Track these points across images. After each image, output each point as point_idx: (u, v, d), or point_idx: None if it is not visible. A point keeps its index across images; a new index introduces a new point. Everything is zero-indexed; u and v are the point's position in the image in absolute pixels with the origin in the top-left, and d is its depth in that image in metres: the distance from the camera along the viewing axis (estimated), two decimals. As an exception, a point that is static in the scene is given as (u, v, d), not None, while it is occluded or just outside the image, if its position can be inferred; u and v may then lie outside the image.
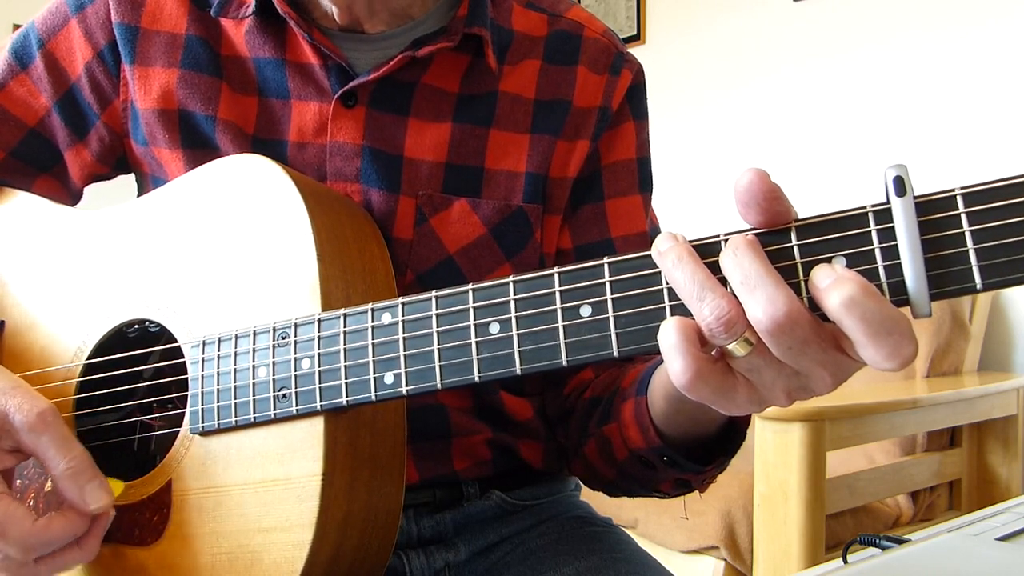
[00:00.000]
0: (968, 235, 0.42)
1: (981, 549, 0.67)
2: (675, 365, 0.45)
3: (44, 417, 0.59)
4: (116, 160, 0.83)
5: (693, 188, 3.07)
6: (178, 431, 0.65)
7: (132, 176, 0.86)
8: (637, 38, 3.38)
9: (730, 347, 0.45)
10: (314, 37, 0.74)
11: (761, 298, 0.43)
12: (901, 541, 0.70)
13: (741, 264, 0.44)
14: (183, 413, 0.65)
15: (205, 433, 0.63)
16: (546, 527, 0.82)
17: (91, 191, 0.88)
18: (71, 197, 0.86)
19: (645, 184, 0.84)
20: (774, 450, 1.69)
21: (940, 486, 2.23)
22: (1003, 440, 2.27)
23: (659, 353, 0.46)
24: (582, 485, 0.91)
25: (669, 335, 0.45)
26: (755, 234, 0.46)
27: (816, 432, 1.66)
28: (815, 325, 0.43)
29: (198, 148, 0.76)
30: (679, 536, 1.97)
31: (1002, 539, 0.71)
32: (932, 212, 0.43)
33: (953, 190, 0.42)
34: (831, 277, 0.43)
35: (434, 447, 0.77)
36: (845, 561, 0.70)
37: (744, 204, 0.45)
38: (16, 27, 3.91)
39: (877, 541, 0.72)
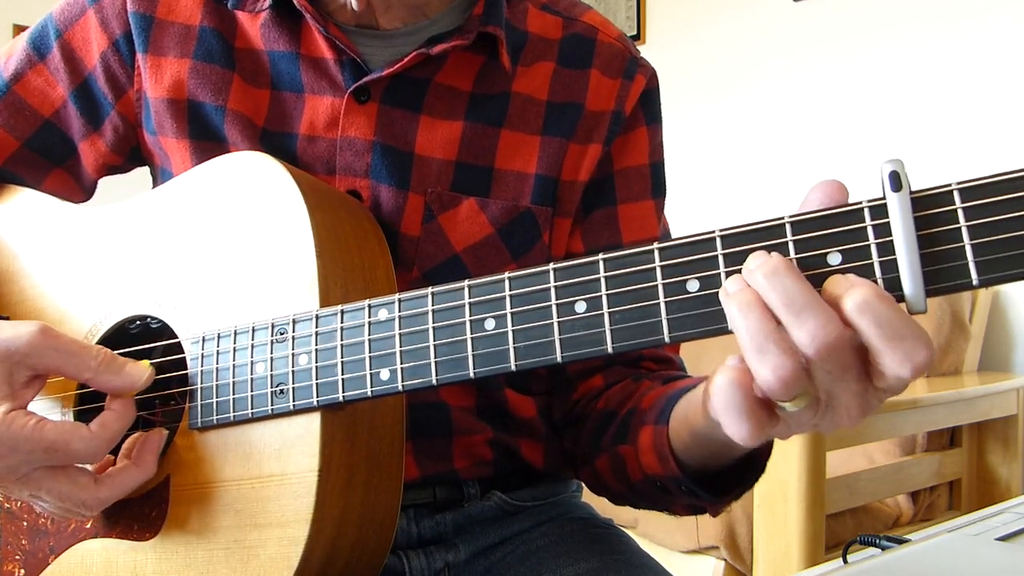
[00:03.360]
0: (964, 230, 0.41)
1: (981, 549, 0.67)
2: (741, 428, 0.45)
3: (46, 331, 0.59)
4: (130, 151, 0.83)
5: (693, 187, 3.07)
6: (177, 426, 0.65)
7: (147, 170, 0.86)
8: (637, 38, 3.38)
9: (784, 404, 0.45)
10: (330, 31, 0.74)
11: (810, 321, 0.42)
12: (901, 541, 0.70)
13: (783, 285, 0.43)
14: (182, 408, 0.65)
15: (204, 428, 0.63)
16: (547, 528, 0.82)
17: (105, 186, 0.88)
18: (83, 192, 0.86)
19: (658, 189, 0.83)
20: (774, 450, 1.68)
21: (940, 486, 2.23)
22: (1003, 440, 2.27)
23: (652, 348, 0.46)
24: (583, 487, 0.91)
25: (731, 395, 0.45)
26: (750, 229, 0.46)
27: (816, 432, 1.65)
28: (856, 349, 0.43)
29: (204, 139, 0.76)
30: (679, 536, 1.97)
31: (1002, 539, 0.71)
32: (928, 207, 0.42)
33: (950, 185, 0.42)
34: (845, 284, 0.43)
35: (435, 445, 0.77)
36: (845, 561, 0.70)
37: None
38: (17, 27, 3.91)
39: (877, 541, 0.72)
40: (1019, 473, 2.24)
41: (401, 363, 0.55)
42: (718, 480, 0.67)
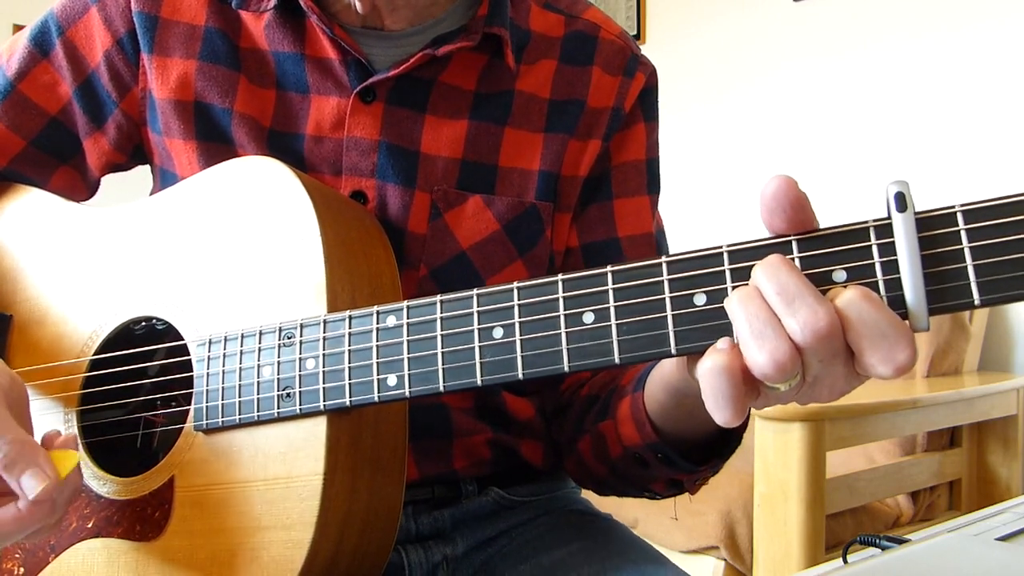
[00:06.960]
0: (967, 251, 0.43)
1: (981, 549, 0.68)
2: (726, 413, 0.46)
3: (11, 388, 0.57)
4: (133, 149, 0.83)
5: (693, 188, 3.07)
6: (182, 428, 0.65)
7: (149, 167, 0.86)
8: (637, 38, 3.38)
9: (776, 385, 0.45)
10: (334, 32, 0.74)
11: (802, 310, 0.43)
12: (901, 541, 0.70)
13: (778, 276, 0.44)
14: (187, 410, 0.65)
15: (209, 430, 0.64)
16: (543, 520, 0.83)
17: (109, 183, 0.88)
18: (88, 189, 0.86)
19: (653, 185, 0.85)
20: (774, 450, 1.69)
21: (940, 486, 2.24)
22: (1003, 440, 2.27)
23: (661, 359, 0.46)
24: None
25: (718, 382, 0.45)
26: (757, 244, 0.47)
27: (816, 432, 1.66)
28: (846, 339, 0.44)
29: (212, 141, 0.76)
30: (679, 536, 1.97)
31: (1002, 539, 0.72)
32: (932, 228, 0.43)
33: (954, 207, 0.43)
34: (840, 288, 0.44)
35: (435, 446, 0.77)
36: (845, 561, 0.70)
37: (769, 210, 0.46)
38: (16, 27, 3.91)
39: (877, 541, 0.72)
40: (1019, 473, 2.24)
41: (408, 369, 0.55)
42: (694, 451, 0.68)
